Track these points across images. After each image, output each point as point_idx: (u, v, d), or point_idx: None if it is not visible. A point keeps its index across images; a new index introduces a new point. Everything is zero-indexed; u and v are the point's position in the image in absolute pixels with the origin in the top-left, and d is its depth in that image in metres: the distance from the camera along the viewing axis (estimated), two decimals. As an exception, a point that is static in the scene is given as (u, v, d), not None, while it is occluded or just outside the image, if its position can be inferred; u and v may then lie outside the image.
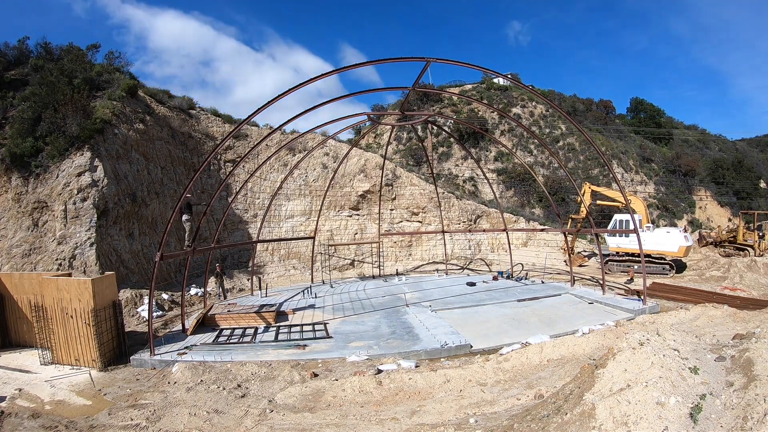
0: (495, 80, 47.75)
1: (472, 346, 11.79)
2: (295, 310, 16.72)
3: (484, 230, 29.10)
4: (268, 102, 12.48)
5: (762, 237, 26.17)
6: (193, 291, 19.45)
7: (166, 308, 17.26)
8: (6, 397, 8.95)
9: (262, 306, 16.77)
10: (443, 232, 26.51)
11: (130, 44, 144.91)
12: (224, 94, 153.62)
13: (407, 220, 29.86)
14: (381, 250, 27.16)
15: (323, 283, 23.28)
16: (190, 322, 14.20)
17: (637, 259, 22.22)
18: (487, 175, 31.24)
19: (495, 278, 22.36)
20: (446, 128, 36.30)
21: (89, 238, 16.83)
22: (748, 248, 26.04)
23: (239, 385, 9.28)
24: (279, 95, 12.45)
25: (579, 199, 23.88)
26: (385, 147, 27.30)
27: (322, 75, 12.84)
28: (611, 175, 26.58)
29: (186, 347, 12.18)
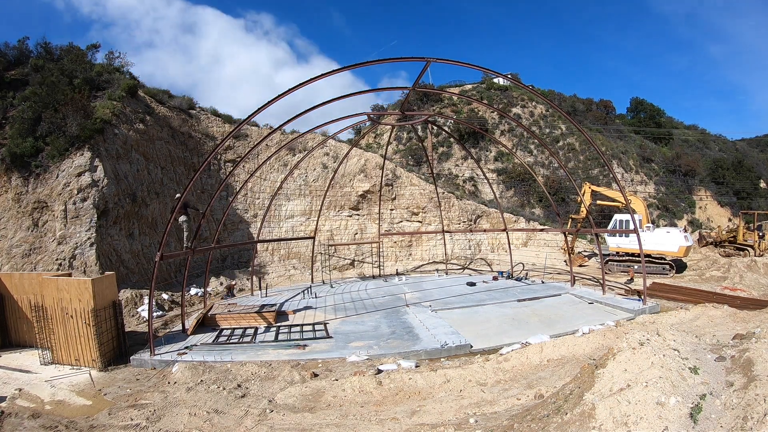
0: (495, 80, 47.74)
1: (472, 346, 11.79)
2: (295, 311, 16.72)
3: (484, 230, 29.10)
4: (269, 102, 12.46)
5: (762, 237, 26.16)
6: (193, 291, 19.45)
7: (166, 308, 17.26)
8: (6, 397, 8.95)
9: (263, 306, 16.77)
10: (443, 232, 26.49)
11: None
12: (211, 71, 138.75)
13: (407, 220, 29.86)
14: (381, 250, 27.16)
15: (323, 283, 23.28)
16: (190, 322, 14.20)
17: (637, 259, 22.22)
18: (487, 175, 31.24)
19: (495, 278, 22.35)
20: (446, 128, 36.29)
21: (89, 238, 16.83)
22: (748, 248, 26.04)
23: (239, 385, 9.28)
24: (279, 95, 12.44)
25: (579, 199, 23.88)
26: (385, 147, 27.30)
27: (322, 75, 12.83)
28: (611, 175, 26.58)
29: (186, 347, 12.17)
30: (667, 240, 22.25)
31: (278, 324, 14.76)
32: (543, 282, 21.20)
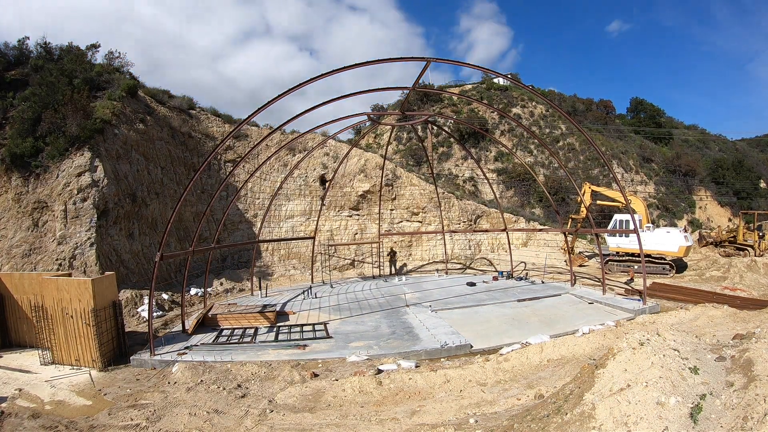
0: (495, 80, 47.75)
1: (472, 346, 11.79)
2: (295, 311, 16.72)
3: (484, 230, 29.09)
4: (269, 102, 12.47)
5: (762, 237, 26.15)
6: (193, 291, 19.45)
7: (167, 308, 17.25)
8: (6, 397, 8.95)
9: (263, 306, 16.77)
10: (443, 232, 26.49)
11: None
12: None
13: (407, 220, 29.85)
14: (381, 250, 27.16)
15: (323, 283, 23.28)
16: (191, 322, 14.20)
17: (637, 259, 22.20)
18: (487, 175, 31.22)
19: (495, 278, 22.35)
20: (446, 128, 36.30)
21: (89, 238, 16.82)
22: (748, 248, 26.02)
23: (239, 385, 9.28)
24: (279, 95, 12.44)
25: (579, 199, 23.87)
26: (385, 147, 27.29)
27: (322, 75, 12.83)
28: (611, 175, 26.57)
29: (186, 347, 12.17)
30: (667, 240, 22.23)
31: (278, 324, 14.76)
32: (543, 282, 21.20)
